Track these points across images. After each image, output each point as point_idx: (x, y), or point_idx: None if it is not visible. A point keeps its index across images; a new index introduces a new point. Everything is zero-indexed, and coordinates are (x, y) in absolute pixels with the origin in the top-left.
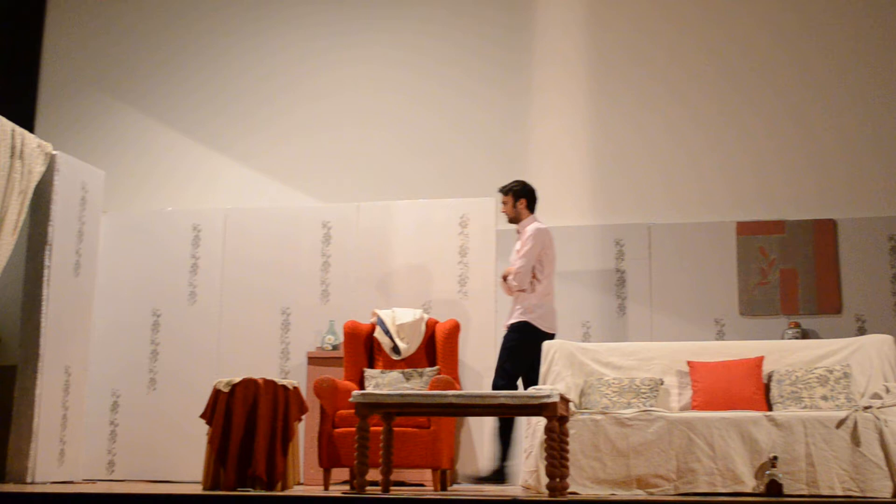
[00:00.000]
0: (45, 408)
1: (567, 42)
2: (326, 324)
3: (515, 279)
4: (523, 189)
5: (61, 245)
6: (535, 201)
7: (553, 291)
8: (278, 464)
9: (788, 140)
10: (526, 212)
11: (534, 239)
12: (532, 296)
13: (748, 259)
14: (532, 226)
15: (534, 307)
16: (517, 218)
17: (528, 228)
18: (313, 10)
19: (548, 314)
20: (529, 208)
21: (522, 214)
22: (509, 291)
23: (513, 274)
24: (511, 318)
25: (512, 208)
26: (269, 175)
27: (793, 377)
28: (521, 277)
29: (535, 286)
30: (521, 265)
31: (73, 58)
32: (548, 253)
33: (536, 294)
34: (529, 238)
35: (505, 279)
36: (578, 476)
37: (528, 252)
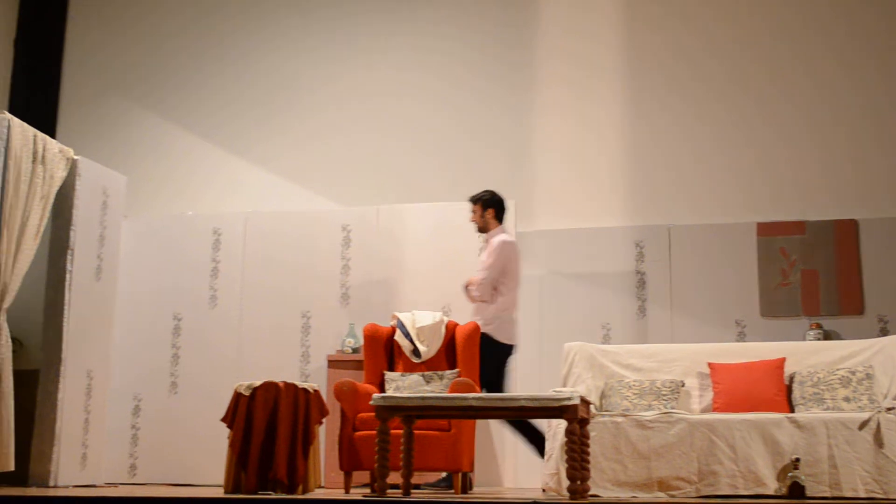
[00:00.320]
0: (68, 412)
1: (587, 43)
2: (346, 327)
3: (477, 290)
4: (492, 199)
5: (83, 250)
6: (504, 211)
7: (516, 303)
8: (299, 467)
9: (808, 141)
10: (494, 222)
11: (499, 252)
12: (492, 307)
13: (769, 260)
14: (498, 238)
15: (492, 319)
16: (485, 228)
17: (493, 240)
18: (332, 15)
19: (506, 326)
20: (497, 218)
21: (490, 224)
22: (472, 300)
23: (475, 285)
24: (483, 329)
25: (480, 218)
26: (288, 178)
27: (815, 378)
28: (482, 289)
29: (497, 298)
30: (483, 277)
31: (93, 64)
32: (512, 266)
33: (496, 306)
34: (495, 250)
35: (466, 288)
36: (599, 478)
37: (492, 265)
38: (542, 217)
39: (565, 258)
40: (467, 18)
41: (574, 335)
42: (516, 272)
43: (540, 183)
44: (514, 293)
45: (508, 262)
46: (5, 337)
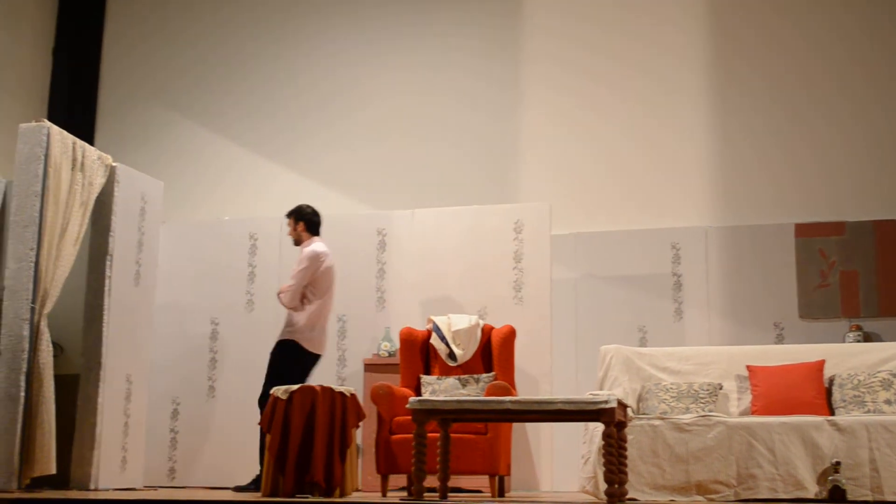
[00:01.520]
0: (108, 416)
1: (627, 42)
2: (382, 330)
3: (285, 297)
4: (302, 213)
5: (121, 255)
6: (316, 224)
7: (327, 313)
8: (336, 470)
9: (848, 140)
10: (307, 234)
11: (308, 261)
12: (301, 315)
13: (807, 261)
14: (310, 248)
15: (302, 327)
16: (299, 240)
17: (305, 250)
18: (367, 16)
19: (315, 335)
20: (310, 231)
21: (303, 237)
22: (284, 307)
23: (284, 292)
24: (281, 335)
25: (294, 231)
26: (323, 183)
27: (855, 381)
28: (289, 297)
29: (306, 306)
30: (292, 285)
31: (131, 71)
32: (323, 276)
33: (305, 314)
34: (304, 259)
35: (279, 295)
36: (637, 482)
37: (301, 273)
38: (577, 220)
39: (601, 261)
40: (500, 18)
41: (610, 338)
42: (327, 282)
43: (575, 185)
44: (326, 303)
45: (318, 272)
46: (46, 342)
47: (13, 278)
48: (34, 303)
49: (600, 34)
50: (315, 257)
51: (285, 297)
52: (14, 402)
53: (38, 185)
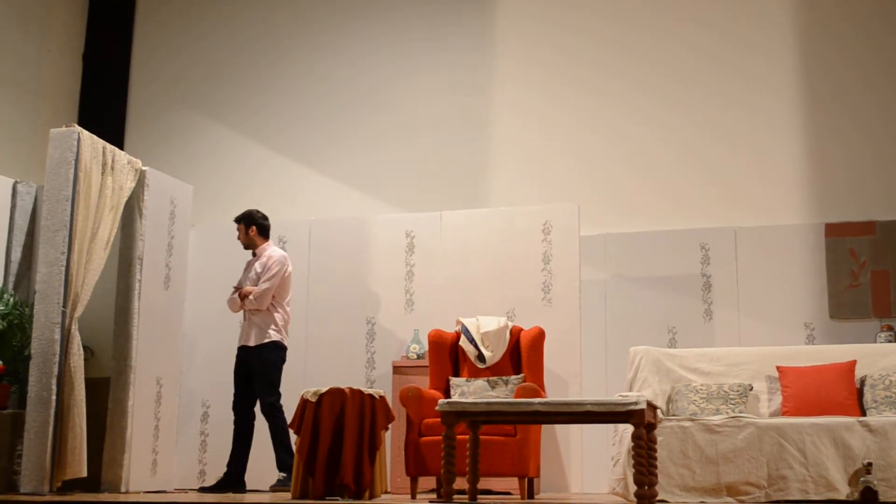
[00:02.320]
0: (138, 418)
1: (653, 46)
2: (411, 333)
3: (258, 300)
4: (251, 217)
5: (151, 259)
6: (267, 228)
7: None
8: (366, 472)
9: (878, 139)
10: (260, 238)
11: (279, 265)
12: (277, 315)
13: (838, 261)
14: (277, 252)
15: (280, 327)
16: (252, 244)
17: (271, 254)
18: (397, 18)
19: (286, 334)
20: (262, 235)
21: (257, 241)
22: (236, 308)
23: (255, 295)
24: (263, 338)
25: (245, 236)
26: (352, 185)
27: (887, 381)
28: (263, 299)
29: (274, 306)
30: (267, 287)
31: (160, 75)
32: (287, 280)
33: (280, 314)
34: (276, 263)
35: (243, 298)
36: (667, 484)
37: (274, 276)
38: (606, 220)
39: (630, 261)
40: (531, 22)
41: (640, 339)
42: (289, 285)
43: (604, 186)
44: (287, 301)
45: (284, 276)
46: (77, 345)
47: (44, 282)
48: (65, 307)
49: (628, 35)
50: (284, 261)
51: (259, 300)
52: (45, 406)
53: (68, 189)
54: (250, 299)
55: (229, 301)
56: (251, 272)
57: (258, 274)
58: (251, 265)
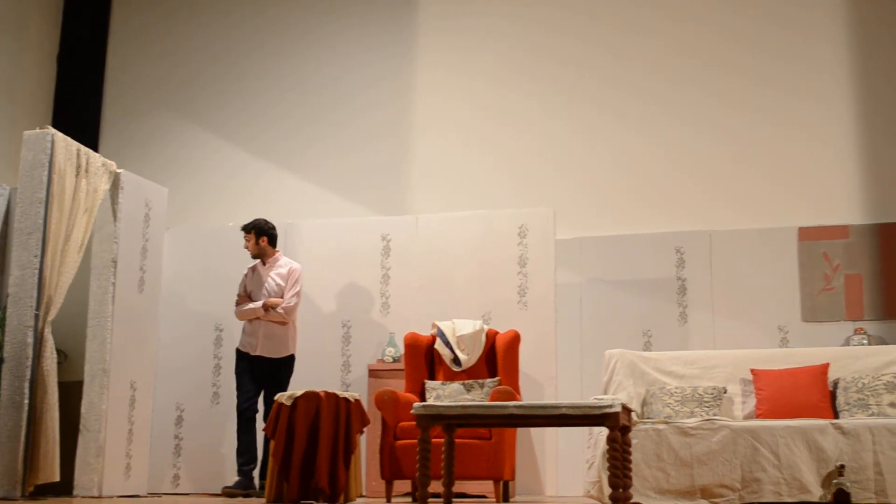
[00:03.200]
0: (112, 423)
1: (634, 44)
2: (387, 336)
3: (288, 314)
4: (264, 227)
5: (126, 262)
6: (276, 238)
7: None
8: (341, 476)
9: (850, 144)
10: (270, 248)
11: (300, 278)
12: (292, 330)
13: (811, 265)
14: (296, 264)
15: (295, 339)
16: (263, 254)
17: (293, 266)
18: (370, 21)
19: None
20: (272, 245)
21: (267, 251)
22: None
23: (287, 309)
24: (285, 351)
25: (255, 245)
26: (328, 188)
27: (859, 384)
28: (293, 312)
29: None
30: (297, 301)
31: (135, 78)
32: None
33: (295, 329)
34: (299, 278)
35: (267, 309)
36: (641, 486)
37: (300, 289)
38: (582, 224)
39: (605, 265)
40: (510, 22)
41: (615, 342)
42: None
43: (580, 190)
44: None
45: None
46: (50, 349)
47: (17, 285)
48: (38, 310)
49: (604, 34)
50: (301, 274)
51: (290, 313)
52: (18, 410)
53: (42, 191)
54: (278, 311)
55: (246, 310)
56: (267, 281)
57: (279, 285)
58: (262, 274)
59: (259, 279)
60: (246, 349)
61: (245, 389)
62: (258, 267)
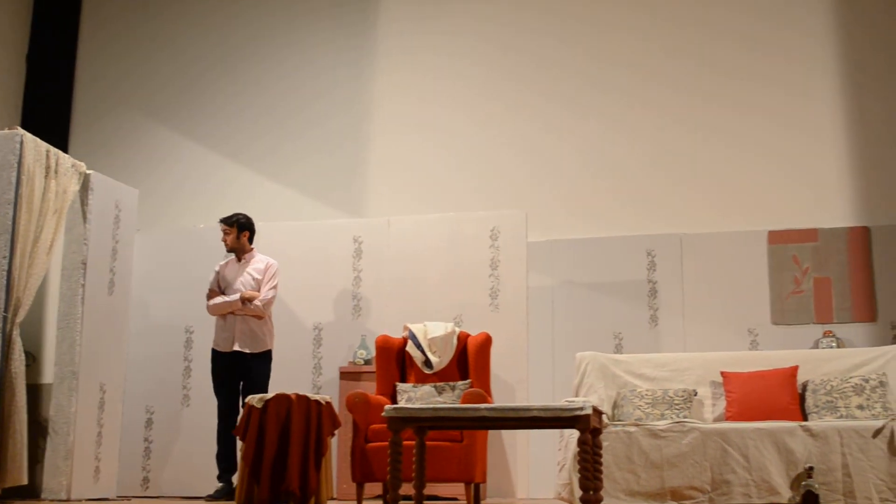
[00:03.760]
0: (81, 425)
1: (613, 48)
2: (358, 338)
3: (266, 306)
4: (246, 224)
5: (96, 264)
6: (255, 234)
7: None
8: (311, 479)
9: (819, 148)
10: (247, 245)
11: (277, 273)
12: (269, 323)
13: (781, 268)
14: (272, 260)
15: (272, 334)
16: (240, 249)
17: (269, 261)
18: (343, 26)
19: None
20: (250, 241)
21: (245, 247)
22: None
23: (264, 302)
24: (262, 346)
25: (235, 240)
26: (299, 190)
27: (828, 386)
28: (269, 306)
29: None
30: (274, 295)
31: (105, 78)
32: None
33: (271, 324)
34: (276, 272)
35: (244, 302)
36: (612, 488)
37: (277, 283)
38: (553, 226)
39: (577, 267)
40: (489, 24)
41: (586, 345)
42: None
43: (552, 192)
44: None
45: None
46: (18, 351)
47: None
48: (6, 311)
49: (579, 34)
50: (278, 270)
51: (267, 306)
52: None
53: (10, 192)
54: (256, 304)
55: (220, 304)
56: (244, 276)
57: (255, 279)
58: (237, 270)
59: (234, 275)
60: (221, 347)
61: (225, 395)
62: (232, 262)
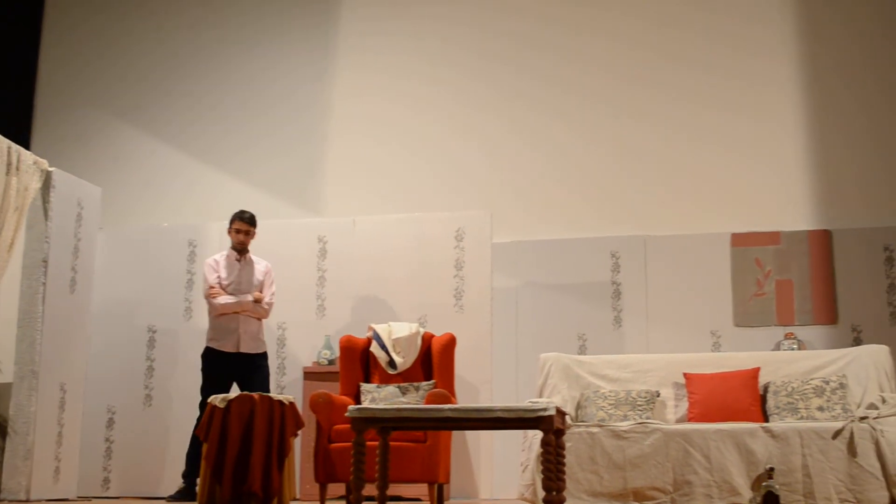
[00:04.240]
0: (41, 425)
1: (567, 48)
2: (322, 339)
3: (270, 309)
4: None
5: (57, 262)
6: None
7: None
8: (274, 479)
9: (783, 152)
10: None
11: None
12: (263, 324)
13: (744, 270)
14: (268, 263)
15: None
16: (246, 250)
17: (267, 265)
18: (306, 24)
19: None
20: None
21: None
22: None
23: (270, 305)
24: (262, 347)
25: (251, 240)
26: (264, 190)
27: (789, 388)
28: (272, 309)
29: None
30: (273, 300)
31: (69, 74)
32: None
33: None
34: (272, 276)
35: (258, 302)
36: (575, 489)
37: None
38: (518, 227)
39: (541, 269)
40: (457, 25)
41: (550, 346)
42: None
43: (516, 193)
44: None
45: None
46: None
47: None
48: None
49: (546, 35)
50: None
51: (271, 309)
52: None
53: None
54: (263, 306)
55: (232, 303)
56: (249, 275)
57: (259, 281)
58: (241, 268)
59: (241, 274)
60: (224, 347)
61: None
62: (230, 261)
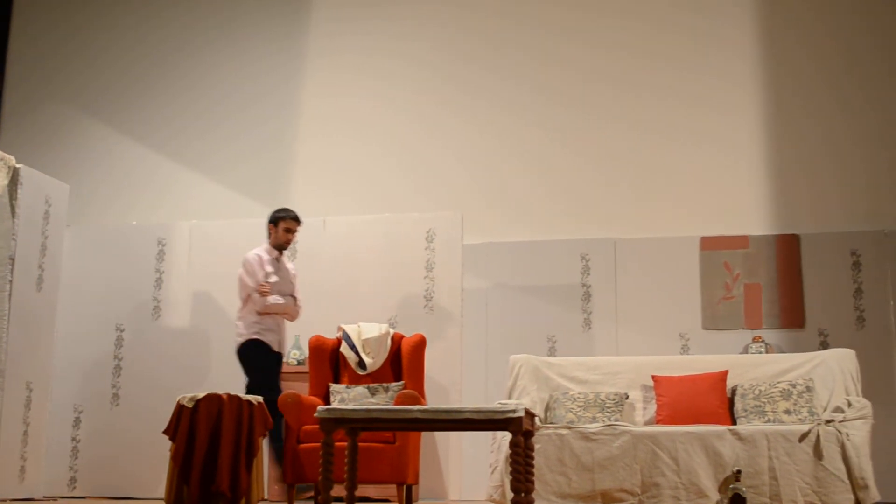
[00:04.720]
0: (6, 424)
1: (537, 48)
2: (291, 338)
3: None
4: None
5: (24, 259)
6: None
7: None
8: (242, 479)
9: (752, 156)
10: None
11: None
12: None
13: (712, 274)
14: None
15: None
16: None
17: (293, 265)
18: (278, 24)
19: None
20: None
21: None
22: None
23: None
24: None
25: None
26: (234, 189)
27: (756, 391)
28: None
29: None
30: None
31: (37, 70)
32: None
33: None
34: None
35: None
36: (544, 490)
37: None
38: (489, 229)
39: (511, 270)
40: (435, 25)
41: (519, 348)
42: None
43: (487, 194)
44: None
45: None
46: None
47: None
48: None
49: (515, 35)
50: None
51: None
52: None
53: None
54: (299, 308)
55: (281, 304)
56: (287, 275)
57: (292, 283)
58: (280, 267)
59: (283, 272)
60: (272, 344)
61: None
62: (272, 260)
